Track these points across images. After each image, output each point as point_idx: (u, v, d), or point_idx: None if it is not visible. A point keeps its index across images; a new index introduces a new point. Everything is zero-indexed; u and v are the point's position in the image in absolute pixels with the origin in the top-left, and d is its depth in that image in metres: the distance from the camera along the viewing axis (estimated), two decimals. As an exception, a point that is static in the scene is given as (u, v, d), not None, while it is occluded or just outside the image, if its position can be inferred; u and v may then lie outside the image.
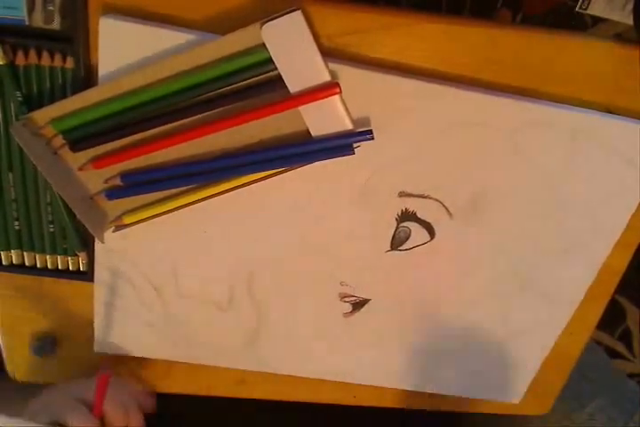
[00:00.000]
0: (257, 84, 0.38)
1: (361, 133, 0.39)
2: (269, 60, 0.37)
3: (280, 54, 0.36)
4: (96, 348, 0.51)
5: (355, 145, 0.40)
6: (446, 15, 0.39)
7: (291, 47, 0.36)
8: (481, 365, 0.52)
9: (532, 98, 0.40)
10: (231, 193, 0.42)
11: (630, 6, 0.40)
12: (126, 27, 0.38)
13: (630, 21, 0.40)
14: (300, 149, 0.40)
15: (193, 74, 0.38)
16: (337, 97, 0.38)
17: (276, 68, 0.37)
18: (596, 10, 0.41)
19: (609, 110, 0.41)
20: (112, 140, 0.40)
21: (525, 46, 0.39)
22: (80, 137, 0.40)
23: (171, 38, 0.38)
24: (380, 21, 0.39)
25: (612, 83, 0.41)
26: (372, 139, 0.39)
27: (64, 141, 0.40)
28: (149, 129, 0.40)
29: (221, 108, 0.39)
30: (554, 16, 0.54)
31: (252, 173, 0.41)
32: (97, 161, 0.41)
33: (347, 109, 0.39)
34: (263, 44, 0.36)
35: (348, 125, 0.39)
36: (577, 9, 0.41)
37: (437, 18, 0.39)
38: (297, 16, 0.35)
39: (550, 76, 0.40)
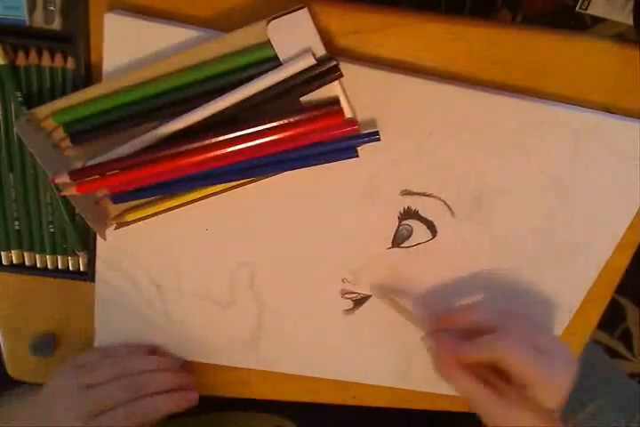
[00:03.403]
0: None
1: (368, 135, 0.39)
2: (275, 58, 0.37)
3: (285, 52, 0.36)
4: (96, 345, 0.50)
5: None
6: (446, 15, 0.39)
7: (296, 45, 0.36)
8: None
9: (533, 97, 0.40)
10: (233, 191, 0.42)
11: (630, 6, 0.40)
12: (131, 23, 0.37)
13: (630, 21, 0.40)
14: (304, 153, 0.39)
15: (197, 70, 0.37)
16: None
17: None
18: (596, 10, 0.41)
19: (609, 110, 0.41)
20: (113, 133, 0.39)
21: (525, 46, 0.39)
22: (81, 130, 0.39)
23: (176, 35, 0.38)
24: (381, 21, 0.39)
25: (612, 83, 0.41)
26: (379, 140, 0.39)
27: (65, 135, 0.40)
28: (150, 122, 0.39)
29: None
30: (554, 16, 0.54)
31: (256, 176, 0.41)
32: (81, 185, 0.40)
33: (351, 107, 0.39)
34: (268, 42, 0.36)
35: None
36: (577, 9, 0.41)
37: (437, 18, 0.39)
38: (303, 13, 0.35)
39: (550, 76, 0.40)
